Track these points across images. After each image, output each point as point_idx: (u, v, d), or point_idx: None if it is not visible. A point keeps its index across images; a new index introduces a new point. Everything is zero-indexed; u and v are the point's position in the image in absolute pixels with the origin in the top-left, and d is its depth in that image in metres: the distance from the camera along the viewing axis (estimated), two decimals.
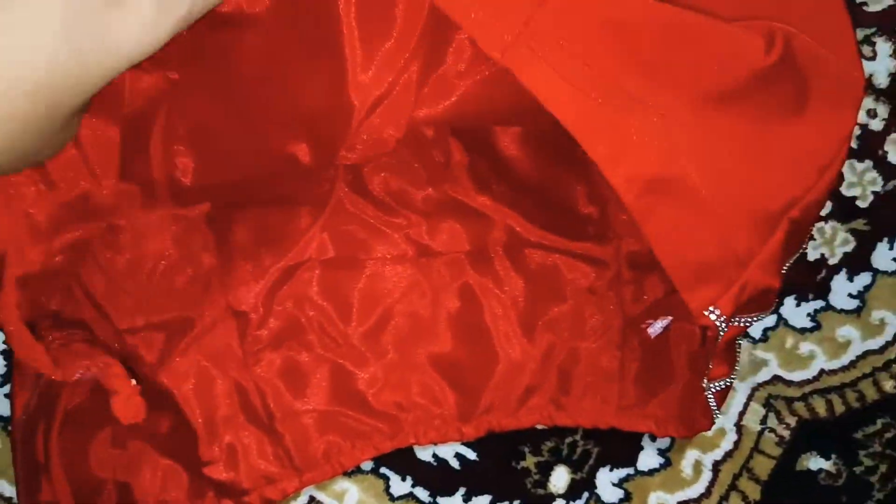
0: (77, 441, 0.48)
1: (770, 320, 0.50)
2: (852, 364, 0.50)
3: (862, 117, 0.50)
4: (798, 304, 0.50)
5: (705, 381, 0.40)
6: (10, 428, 0.50)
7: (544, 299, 0.49)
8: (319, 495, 0.49)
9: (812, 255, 0.50)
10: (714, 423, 0.45)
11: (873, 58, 0.50)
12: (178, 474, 0.48)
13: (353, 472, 0.50)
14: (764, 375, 0.50)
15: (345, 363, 0.49)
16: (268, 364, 0.48)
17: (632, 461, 0.50)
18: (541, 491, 0.50)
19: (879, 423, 0.50)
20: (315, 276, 0.48)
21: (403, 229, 0.49)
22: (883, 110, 0.50)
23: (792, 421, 0.50)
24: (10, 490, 0.50)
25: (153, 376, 0.47)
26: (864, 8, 0.50)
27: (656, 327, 0.46)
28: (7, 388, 0.50)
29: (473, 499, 0.50)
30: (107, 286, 0.44)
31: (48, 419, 0.47)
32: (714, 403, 0.43)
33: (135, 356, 0.47)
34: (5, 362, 0.50)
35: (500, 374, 0.49)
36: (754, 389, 0.50)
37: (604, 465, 0.50)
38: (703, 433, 0.48)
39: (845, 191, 0.50)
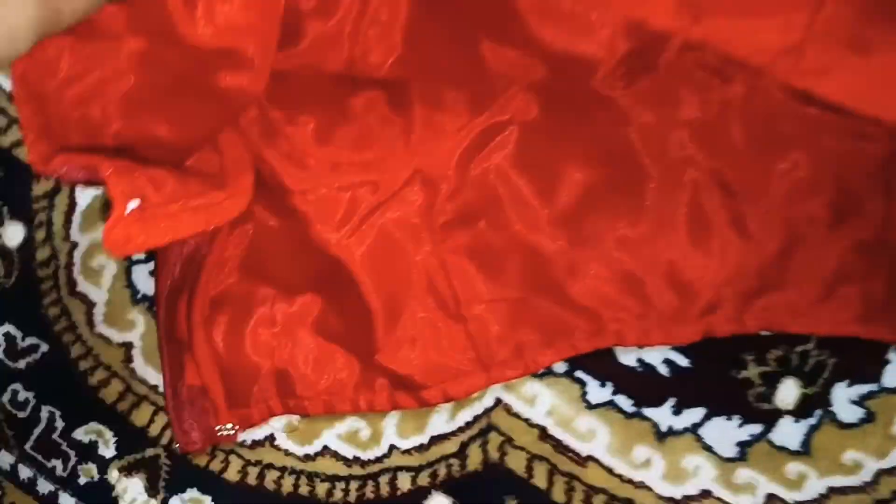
0: (230, 322, 0.43)
1: None
2: None
3: None
4: None
5: None
6: (154, 308, 0.44)
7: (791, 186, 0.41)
8: (507, 397, 0.43)
9: None
10: None
11: None
12: (346, 361, 0.42)
13: (545, 373, 0.43)
14: None
15: (543, 247, 0.42)
16: (456, 241, 0.41)
17: (875, 376, 0.42)
18: (765, 405, 0.42)
19: None
20: (514, 141, 0.41)
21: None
22: None
23: None
24: (155, 377, 0.44)
25: (326, 246, 0.41)
26: None
27: None
28: (152, 265, 0.45)
29: (684, 411, 0.42)
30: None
31: (191, 292, 0.41)
32: None
33: (305, 221, 0.41)
34: None
35: (724, 270, 0.42)
36: None
37: (841, 380, 0.42)
38: None
39: None
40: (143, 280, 0.45)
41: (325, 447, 0.43)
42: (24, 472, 0.44)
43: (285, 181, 0.41)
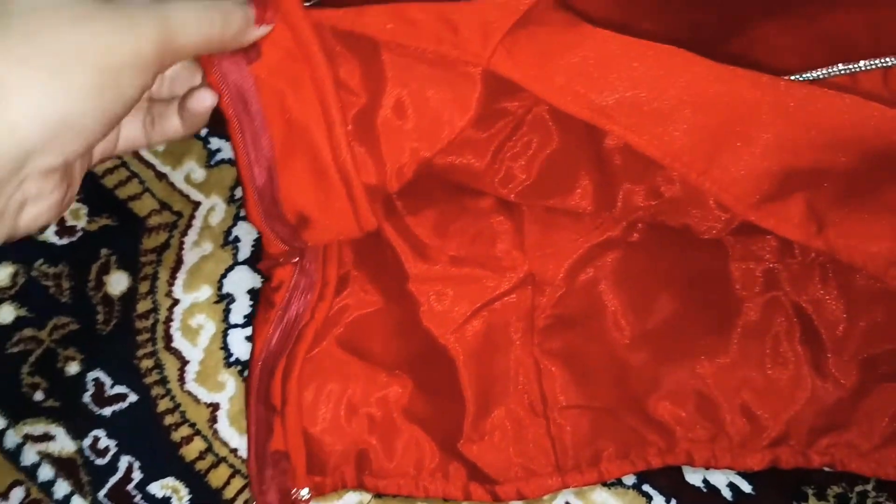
0: (322, 393, 0.44)
1: None
2: None
3: None
4: None
5: None
6: (246, 373, 0.46)
7: (872, 330, 0.44)
8: (576, 502, 0.44)
9: None
10: None
11: None
12: (427, 446, 0.44)
13: (614, 483, 0.44)
14: None
15: (630, 361, 0.44)
16: (553, 345, 0.44)
17: None
18: None
19: None
20: (618, 258, 0.44)
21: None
22: None
23: None
24: (237, 441, 0.45)
25: (432, 335, 0.43)
26: None
27: None
28: (249, 331, 0.46)
29: None
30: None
31: (290, 359, 0.43)
32: None
33: (415, 306, 0.43)
34: (251, 301, 0.46)
35: (800, 405, 0.44)
36: None
37: None
38: None
39: None
40: (238, 344, 0.46)
41: None
42: None
43: (406, 266, 0.43)
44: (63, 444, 0.45)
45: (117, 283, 0.47)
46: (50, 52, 0.27)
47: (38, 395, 0.46)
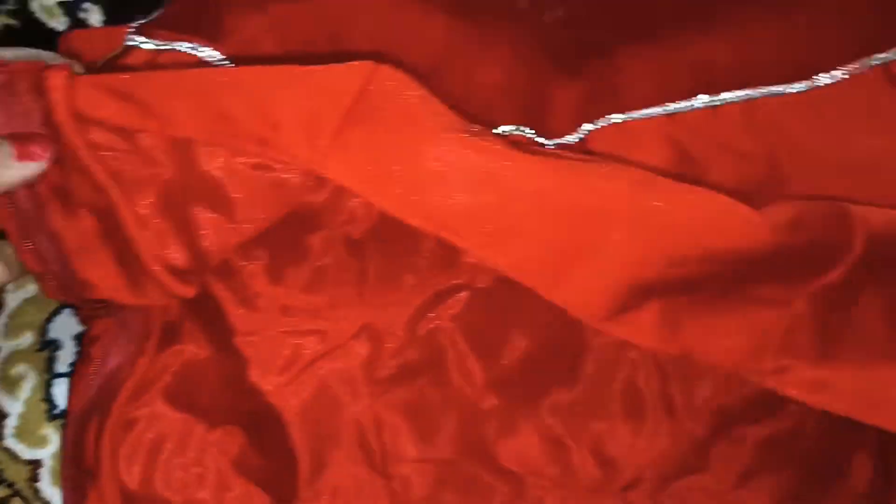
0: (143, 450, 0.41)
1: None
2: None
3: None
4: None
5: None
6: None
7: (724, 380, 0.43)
8: None
9: None
10: None
11: None
12: (260, 501, 0.41)
13: None
14: None
15: (478, 407, 0.42)
16: (393, 397, 0.42)
17: None
18: None
19: None
20: (463, 304, 0.42)
21: None
22: None
23: None
24: (59, 500, 0.42)
25: (260, 392, 0.40)
26: None
27: None
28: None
29: None
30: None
31: (103, 414, 0.40)
32: None
33: (243, 362, 0.40)
34: (78, 348, 0.43)
35: (649, 450, 0.43)
36: None
37: None
38: None
39: None
40: (63, 395, 0.43)
41: None
42: None
43: (231, 320, 0.40)
44: None
45: None
46: None
47: None
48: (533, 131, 0.43)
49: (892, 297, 0.36)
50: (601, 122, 0.43)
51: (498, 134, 0.41)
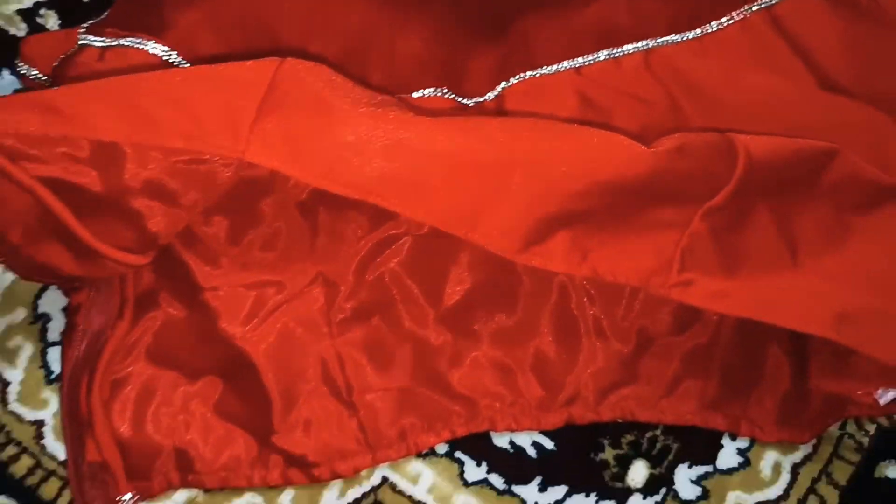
0: (132, 403, 0.46)
1: None
2: None
3: None
4: None
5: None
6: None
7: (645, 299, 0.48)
8: (393, 476, 0.47)
9: None
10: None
11: None
12: (243, 440, 0.46)
13: (427, 454, 0.48)
14: None
15: (429, 342, 0.47)
16: (352, 336, 0.47)
17: (711, 459, 0.49)
18: (618, 484, 0.48)
19: None
20: (406, 249, 0.46)
21: None
22: None
23: (871, 428, 0.49)
24: (63, 454, 0.47)
25: (231, 340, 0.45)
26: None
27: (887, 397, 0.45)
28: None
29: (549, 488, 0.48)
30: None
31: (91, 372, 0.45)
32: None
33: (212, 315, 0.45)
34: (65, 319, 0.48)
35: (585, 367, 0.48)
36: None
37: (683, 462, 0.49)
38: None
39: None
40: (58, 361, 0.47)
41: None
42: None
43: (197, 278, 0.45)
44: None
45: None
46: None
47: None
48: (452, 94, 0.47)
49: (779, 213, 0.41)
50: (514, 80, 0.47)
51: (409, 101, 0.45)
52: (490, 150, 0.39)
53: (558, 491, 0.48)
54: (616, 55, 0.47)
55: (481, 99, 0.47)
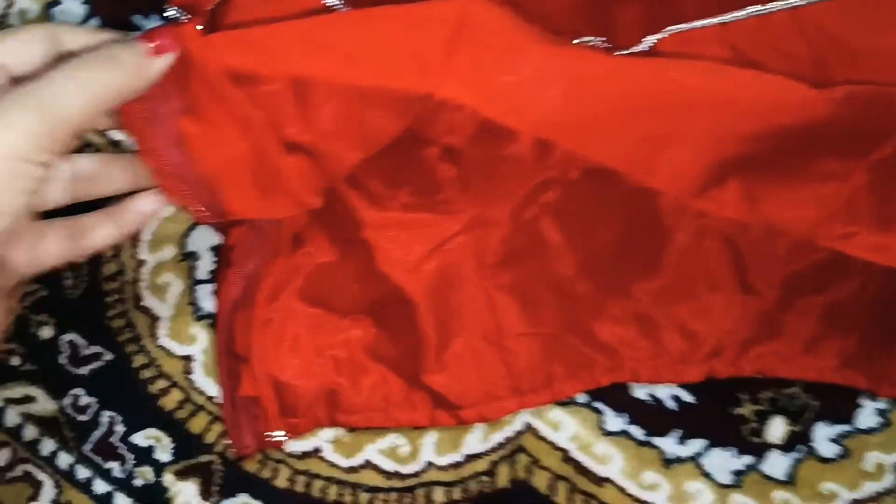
0: (287, 342, 0.47)
1: None
2: None
3: None
4: None
5: None
6: (214, 325, 0.48)
7: (792, 249, 0.47)
8: (535, 422, 0.48)
9: None
10: None
11: None
12: (393, 380, 0.47)
13: (568, 402, 0.48)
14: None
15: (576, 290, 0.47)
16: (503, 280, 0.47)
17: (851, 418, 0.49)
18: (756, 439, 0.48)
19: None
20: (560, 195, 0.47)
21: None
22: None
23: None
24: (213, 389, 0.48)
25: (388, 279, 0.46)
26: None
27: None
28: (215, 286, 0.48)
29: (688, 441, 0.48)
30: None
31: (248, 310, 0.45)
32: None
33: (370, 254, 0.46)
34: (215, 258, 0.48)
35: (727, 322, 0.48)
36: None
37: (822, 420, 0.49)
38: None
39: None
40: (206, 298, 0.48)
41: (368, 461, 0.47)
42: (82, 473, 0.47)
43: (355, 218, 0.45)
44: (44, 404, 0.47)
45: None
46: None
47: (15, 360, 0.48)
48: (606, 42, 0.47)
49: None
50: (662, 35, 0.47)
51: (579, 43, 0.46)
52: (672, 91, 0.39)
53: (698, 444, 0.48)
54: (762, 12, 0.48)
55: (632, 50, 0.48)
